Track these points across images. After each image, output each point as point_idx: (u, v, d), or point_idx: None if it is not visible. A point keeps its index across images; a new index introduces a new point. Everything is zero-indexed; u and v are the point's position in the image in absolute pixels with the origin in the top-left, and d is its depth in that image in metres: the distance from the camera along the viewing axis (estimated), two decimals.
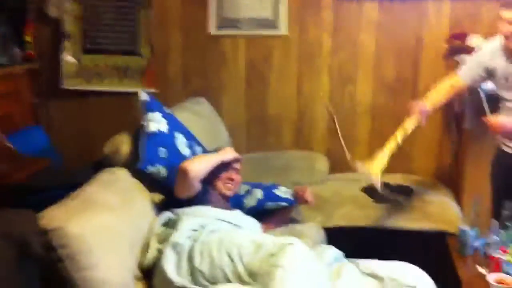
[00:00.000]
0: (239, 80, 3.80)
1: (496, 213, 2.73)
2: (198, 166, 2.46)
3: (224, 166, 2.63)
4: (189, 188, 2.47)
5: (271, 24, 3.71)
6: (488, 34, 3.37)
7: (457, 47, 3.43)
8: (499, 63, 2.72)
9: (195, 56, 3.81)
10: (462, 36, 3.43)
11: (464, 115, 3.16)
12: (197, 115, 3.26)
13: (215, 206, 2.54)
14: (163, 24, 3.80)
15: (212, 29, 3.76)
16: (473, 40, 3.38)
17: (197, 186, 2.49)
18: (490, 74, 2.79)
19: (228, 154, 2.65)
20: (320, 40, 3.68)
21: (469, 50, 3.34)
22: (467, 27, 3.48)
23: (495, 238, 2.63)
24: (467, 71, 2.87)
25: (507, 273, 2.36)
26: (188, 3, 3.75)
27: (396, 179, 3.42)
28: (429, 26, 3.56)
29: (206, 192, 2.56)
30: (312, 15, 3.65)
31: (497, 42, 2.77)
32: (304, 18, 3.67)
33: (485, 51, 2.82)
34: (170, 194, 2.53)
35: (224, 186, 2.64)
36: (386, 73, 3.65)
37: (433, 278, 2.36)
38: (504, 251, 2.50)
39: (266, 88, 3.79)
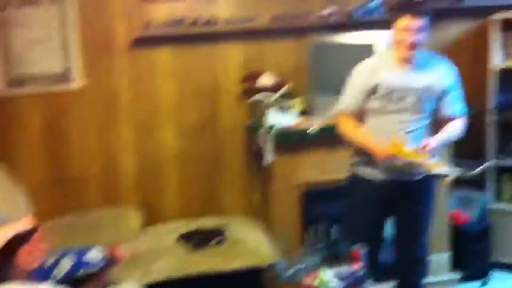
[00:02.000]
0: (35, 139, 3.58)
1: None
2: None
3: (23, 238, 2.44)
4: None
5: (64, 78, 3.59)
6: (276, 73, 3.66)
7: (250, 88, 3.64)
8: (383, 76, 2.71)
9: None
10: (254, 77, 3.65)
11: (263, 152, 3.34)
12: None
13: (17, 279, 2.33)
14: None
15: (1, 88, 3.52)
16: (263, 80, 3.61)
17: None
18: (371, 92, 2.74)
19: (21, 224, 2.43)
20: (118, 90, 3.63)
21: (261, 90, 3.58)
22: (257, 68, 3.70)
23: (303, 265, 2.80)
24: (350, 99, 2.79)
25: None
26: None
27: (209, 222, 3.47)
28: (222, 69, 3.71)
29: (5, 269, 2.34)
30: (106, 66, 3.60)
31: (371, 59, 2.81)
32: (99, 69, 3.59)
33: (361, 72, 2.76)
34: None
35: (26, 260, 2.43)
36: (188, 118, 3.71)
37: None
38: (313, 276, 2.66)
39: (65, 146, 3.62)
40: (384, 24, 2.85)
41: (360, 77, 2.76)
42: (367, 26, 3.49)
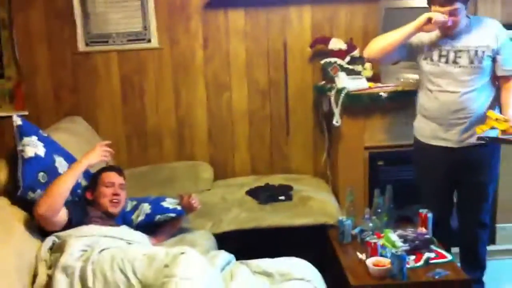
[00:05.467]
0: (114, 95, 3.77)
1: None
2: (48, 203, 2.34)
3: (109, 183, 2.63)
4: (55, 224, 2.40)
5: (142, 37, 3.72)
6: (346, 36, 3.67)
7: (320, 51, 3.67)
8: (436, 39, 2.79)
9: (65, 74, 3.73)
10: (324, 41, 3.66)
11: (332, 113, 3.39)
12: (74, 134, 3.19)
13: (98, 224, 2.51)
14: (27, 43, 3.67)
15: (81, 46, 3.70)
16: (334, 44, 3.62)
17: (61, 217, 2.41)
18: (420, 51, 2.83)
19: (91, 157, 2.55)
20: (192, 50, 3.75)
21: (331, 54, 3.60)
22: (327, 31, 3.73)
23: (369, 225, 2.87)
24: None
25: (383, 256, 2.57)
26: (52, 20, 3.66)
27: (277, 179, 3.57)
28: (293, 31, 3.75)
29: (85, 214, 2.54)
30: (181, 26, 3.72)
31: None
32: (174, 30, 3.72)
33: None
34: None
35: (111, 204, 2.62)
36: (258, 78, 3.79)
37: (318, 268, 2.53)
38: (379, 236, 2.73)
39: (143, 101, 3.79)
40: None
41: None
42: None
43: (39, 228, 2.43)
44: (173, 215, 2.80)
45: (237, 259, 2.54)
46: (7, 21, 3.63)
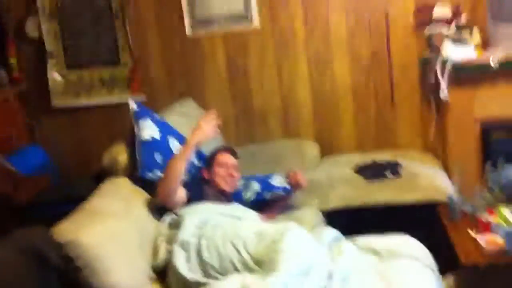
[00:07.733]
0: (221, 76, 3.89)
1: None
2: (165, 189, 2.51)
3: (223, 164, 2.76)
4: (176, 203, 2.56)
5: (244, 18, 3.80)
6: (451, 3, 3.50)
7: (424, 20, 3.54)
8: None
9: (176, 58, 3.89)
10: (427, 9, 3.53)
11: (439, 86, 3.28)
12: (186, 116, 3.33)
13: (213, 202, 2.65)
14: (139, 30, 3.87)
15: (188, 31, 3.84)
16: (438, 12, 3.48)
17: (181, 197, 2.57)
18: None
19: (198, 137, 2.60)
20: (292, 28, 3.77)
21: (436, 22, 3.46)
22: None
23: (482, 201, 2.77)
24: None
25: (496, 234, 2.49)
26: (161, 8, 3.83)
27: (384, 155, 3.51)
28: (394, 0, 3.64)
29: (201, 192, 2.68)
30: (281, 4, 3.75)
31: None
32: (274, 9, 3.76)
33: None
34: None
35: (225, 183, 2.74)
36: (360, 52, 3.74)
37: (428, 246, 2.47)
38: (491, 213, 2.63)
39: (248, 81, 3.88)
40: None
41: None
42: None
43: (157, 206, 2.60)
44: (281, 192, 2.88)
45: (344, 236, 2.54)
46: (119, 9, 3.84)
